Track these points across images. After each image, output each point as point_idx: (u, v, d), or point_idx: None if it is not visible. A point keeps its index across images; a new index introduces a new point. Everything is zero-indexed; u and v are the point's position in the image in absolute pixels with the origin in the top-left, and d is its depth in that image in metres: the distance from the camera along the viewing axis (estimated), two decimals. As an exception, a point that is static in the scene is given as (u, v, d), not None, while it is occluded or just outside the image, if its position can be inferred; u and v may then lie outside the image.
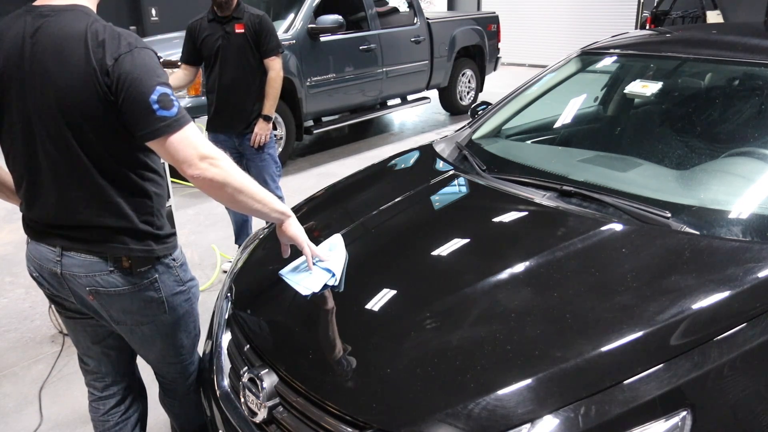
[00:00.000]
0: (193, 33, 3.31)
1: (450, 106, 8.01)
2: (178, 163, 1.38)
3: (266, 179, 3.47)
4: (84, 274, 1.49)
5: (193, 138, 1.39)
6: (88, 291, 1.51)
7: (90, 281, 1.49)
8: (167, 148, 1.37)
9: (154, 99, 1.33)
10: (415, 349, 1.38)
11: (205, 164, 1.38)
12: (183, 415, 1.99)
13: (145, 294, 1.55)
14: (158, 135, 1.35)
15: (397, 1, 7.00)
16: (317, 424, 1.35)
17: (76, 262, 1.49)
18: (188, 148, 1.37)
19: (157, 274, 1.55)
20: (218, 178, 1.40)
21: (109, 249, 1.49)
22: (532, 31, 12.60)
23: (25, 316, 3.27)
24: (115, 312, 1.56)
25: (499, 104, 2.67)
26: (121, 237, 1.48)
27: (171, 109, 1.35)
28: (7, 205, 4.88)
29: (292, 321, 1.64)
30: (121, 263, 1.50)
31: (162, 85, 1.36)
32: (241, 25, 3.23)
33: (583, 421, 1.16)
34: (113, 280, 1.50)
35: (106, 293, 1.51)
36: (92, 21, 1.38)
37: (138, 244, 1.50)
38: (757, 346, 1.26)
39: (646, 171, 2.00)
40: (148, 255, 1.52)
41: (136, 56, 1.35)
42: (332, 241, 1.81)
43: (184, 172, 1.39)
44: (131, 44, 1.37)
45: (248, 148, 3.39)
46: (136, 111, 1.34)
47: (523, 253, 1.62)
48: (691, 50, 2.31)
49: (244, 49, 3.25)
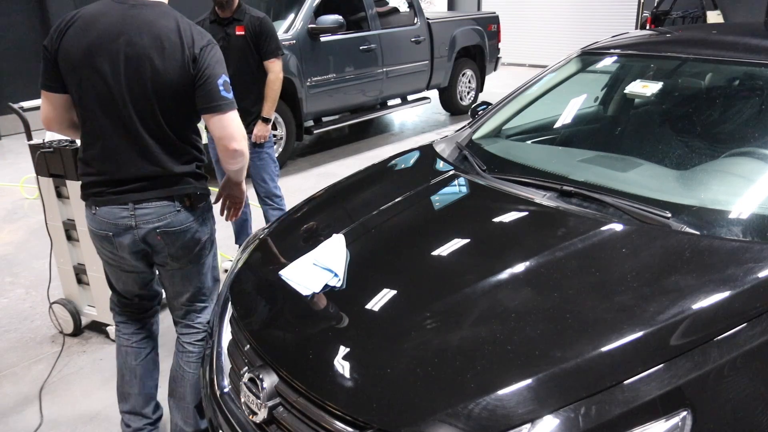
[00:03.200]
0: None
1: (450, 106, 8.01)
2: (226, 135, 1.81)
3: (264, 178, 3.46)
4: (156, 218, 1.85)
5: (238, 119, 1.84)
6: (157, 233, 1.86)
7: (162, 224, 1.86)
8: (222, 122, 1.79)
9: (220, 83, 1.77)
10: (415, 349, 1.38)
11: (244, 142, 1.85)
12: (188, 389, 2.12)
13: (201, 229, 1.96)
14: (218, 110, 1.78)
15: (397, 1, 6.99)
16: (317, 424, 1.35)
17: (147, 212, 1.85)
18: (237, 126, 1.83)
19: (206, 212, 1.98)
20: (246, 154, 1.89)
21: (177, 191, 1.87)
22: (532, 31, 12.59)
23: (25, 316, 3.27)
24: (175, 249, 1.92)
25: (499, 104, 2.67)
26: (186, 179, 1.89)
27: (230, 93, 1.81)
28: (7, 205, 4.91)
29: (292, 321, 1.64)
30: (184, 202, 1.89)
31: (225, 74, 1.80)
32: (242, 27, 3.24)
33: (583, 421, 1.16)
34: (181, 217, 1.89)
35: (173, 232, 1.89)
36: (179, 17, 1.79)
37: (198, 183, 1.93)
38: (757, 346, 1.26)
39: (646, 171, 1.99)
40: (204, 192, 1.96)
41: (214, 49, 1.80)
42: (333, 240, 1.81)
43: (228, 145, 1.82)
44: (210, 41, 1.81)
45: (251, 146, 3.38)
46: (208, 90, 1.77)
47: (524, 253, 1.62)
48: (691, 50, 2.31)
49: (244, 51, 3.25)
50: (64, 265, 2.96)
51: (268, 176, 3.47)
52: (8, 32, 7.49)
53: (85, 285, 2.98)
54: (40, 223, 3.99)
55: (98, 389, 2.65)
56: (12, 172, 5.90)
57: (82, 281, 2.98)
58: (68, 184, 2.72)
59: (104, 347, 2.95)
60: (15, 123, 6.86)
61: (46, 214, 2.83)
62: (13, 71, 7.54)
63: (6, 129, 7.40)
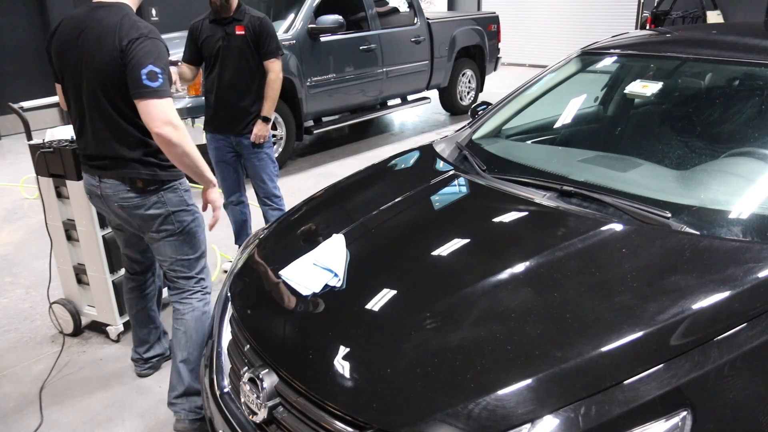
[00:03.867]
0: (195, 33, 3.32)
1: (450, 106, 8.01)
2: (148, 121, 1.92)
3: (264, 178, 3.46)
4: (113, 193, 2.13)
5: (165, 107, 1.93)
6: (117, 206, 2.16)
7: (117, 199, 2.14)
8: (143, 108, 1.93)
9: (144, 72, 1.90)
10: (415, 349, 1.38)
11: (168, 128, 1.92)
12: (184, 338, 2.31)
13: (154, 207, 2.15)
14: (139, 97, 1.92)
15: (397, 1, 6.99)
16: (317, 424, 1.35)
17: (108, 186, 2.14)
18: (160, 112, 1.92)
19: (162, 192, 2.15)
20: (173, 140, 1.93)
21: (126, 173, 2.10)
22: (532, 31, 12.59)
23: (25, 316, 3.27)
24: (137, 222, 2.19)
25: (499, 104, 2.67)
26: (133, 164, 2.09)
27: (154, 83, 1.91)
28: (7, 205, 4.91)
29: (292, 321, 1.64)
30: (135, 184, 2.11)
31: (154, 65, 1.91)
32: (242, 26, 3.24)
33: (583, 421, 1.16)
34: (130, 196, 2.12)
35: (128, 206, 2.14)
36: (125, 15, 1.98)
37: (145, 170, 2.10)
38: (757, 346, 1.26)
39: (646, 171, 1.99)
40: (154, 178, 2.12)
41: (144, 42, 1.93)
42: (333, 240, 1.81)
43: (151, 130, 1.93)
44: (142, 34, 1.94)
45: (246, 148, 3.38)
46: (132, 78, 1.92)
47: (524, 253, 1.62)
48: (691, 50, 2.31)
49: (244, 51, 3.25)
50: (63, 265, 2.96)
51: (267, 176, 3.47)
52: (8, 33, 7.50)
53: (85, 285, 2.97)
54: (40, 223, 3.99)
55: (98, 389, 2.65)
56: (12, 172, 5.90)
57: (82, 281, 2.98)
58: (68, 184, 2.72)
59: (104, 347, 2.95)
60: (15, 123, 6.86)
61: (46, 214, 2.83)
62: (13, 71, 7.55)
63: (6, 129, 7.40)
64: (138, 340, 2.68)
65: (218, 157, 3.46)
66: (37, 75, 7.48)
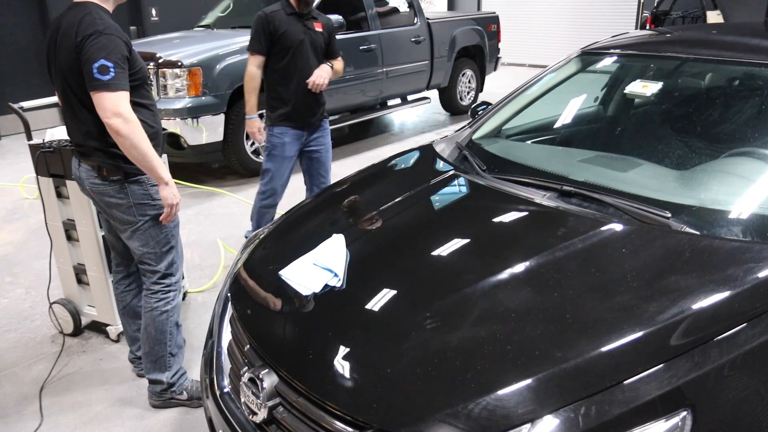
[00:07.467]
0: (271, 24, 3.31)
1: (450, 106, 8.01)
2: (100, 112, 2.03)
3: (327, 169, 3.65)
4: (86, 177, 2.27)
5: (117, 100, 2.02)
6: (90, 190, 2.29)
7: (89, 183, 2.27)
8: (96, 100, 2.03)
9: (95, 66, 2.00)
10: (415, 349, 1.38)
11: (117, 119, 2.02)
12: (145, 333, 2.43)
13: (117, 196, 2.24)
14: (92, 89, 2.03)
15: (397, 1, 6.99)
16: (317, 424, 1.35)
17: (82, 170, 2.28)
18: (110, 104, 2.01)
19: (126, 183, 2.23)
20: (122, 131, 2.03)
21: (94, 160, 2.23)
22: (532, 31, 12.60)
23: (25, 316, 3.27)
24: (106, 207, 2.30)
25: (499, 104, 2.67)
26: (98, 153, 2.21)
27: (105, 76, 2.00)
28: (7, 205, 4.91)
29: (292, 321, 1.64)
30: (101, 171, 2.23)
31: (106, 59, 2.01)
32: (320, 24, 3.45)
33: (583, 421, 1.16)
34: (97, 182, 2.25)
35: (96, 192, 2.27)
36: (85, 14, 2.06)
37: (109, 160, 2.21)
38: (757, 346, 1.26)
39: (646, 171, 1.99)
40: (117, 168, 2.21)
41: (99, 38, 2.02)
42: (333, 240, 1.81)
43: (103, 120, 2.04)
44: (97, 31, 2.02)
45: (318, 141, 3.57)
46: (86, 71, 2.02)
47: (524, 253, 1.62)
48: (691, 50, 2.31)
49: (322, 47, 3.46)
50: (63, 265, 2.96)
51: (329, 167, 3.68)
52: (8, 32, 7.50)
53: (85, 285, 2.97)
54: (40, 223, 3.99)
55: (98, 389, 2.65)
56: (12, 172, 5.90)
57: (82, 281, 2.98)
58: (68, 184, 2.72)
59: (104, 347, 2.95)
60: (15, 123, 6.87)
61: (46, 214, 2.83)
62: (13, 71, 7.55)
63: (6, 129, 7.40)
64: (129, 338, 2.71)
65: (287, 152, 3.50)
66: (37, 75, 7.48)
